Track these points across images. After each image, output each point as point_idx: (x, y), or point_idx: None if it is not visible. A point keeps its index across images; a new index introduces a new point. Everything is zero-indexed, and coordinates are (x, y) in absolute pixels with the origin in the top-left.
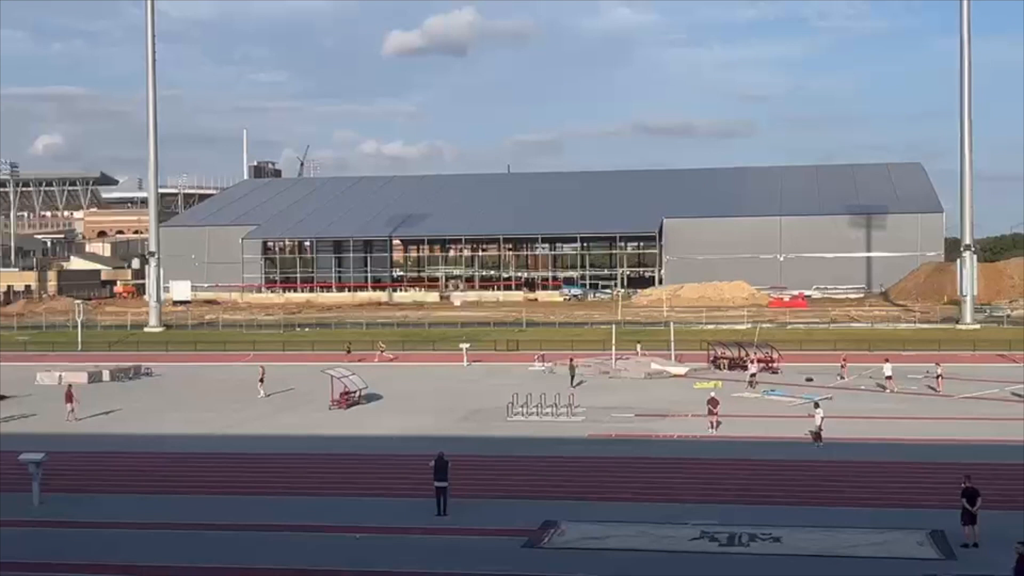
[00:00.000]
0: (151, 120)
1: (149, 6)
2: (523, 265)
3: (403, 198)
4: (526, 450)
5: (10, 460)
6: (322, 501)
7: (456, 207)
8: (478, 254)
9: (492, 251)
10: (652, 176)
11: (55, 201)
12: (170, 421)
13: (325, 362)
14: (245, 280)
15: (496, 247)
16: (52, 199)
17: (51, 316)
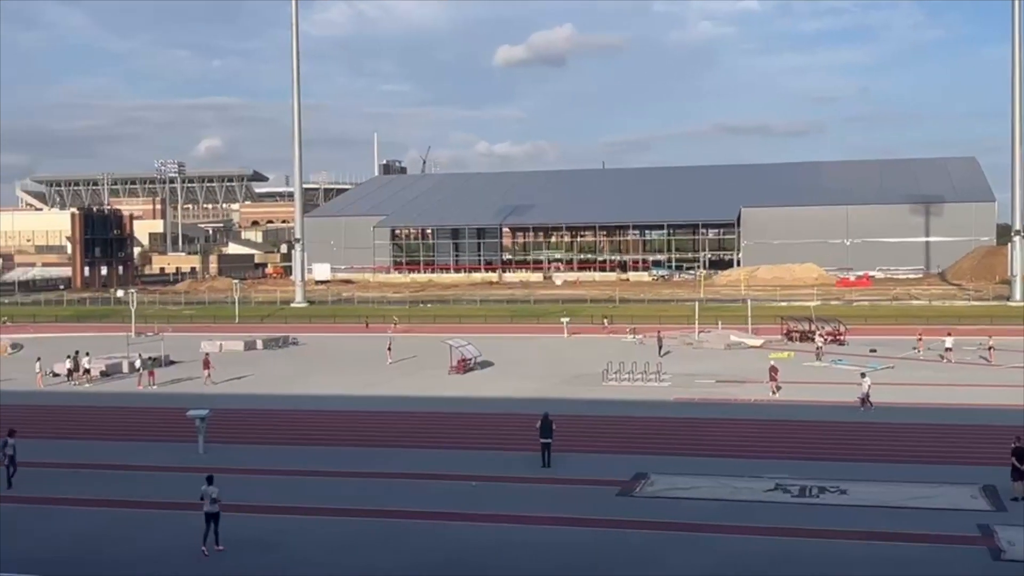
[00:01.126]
0: (296, 125)
1: (294, 29)
2: (616, 249)
3: (511, 191)
4: (619, 411)
5: (179, 415)
6: (442, 453)
7: (557, 199)
8: (576, 240)
9: (589, 237)
10: (731, 170)
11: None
12: (313, 383)
13: (443, 334)
14: (376, 263)
15: (592, 233)
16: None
17: (212, 294)
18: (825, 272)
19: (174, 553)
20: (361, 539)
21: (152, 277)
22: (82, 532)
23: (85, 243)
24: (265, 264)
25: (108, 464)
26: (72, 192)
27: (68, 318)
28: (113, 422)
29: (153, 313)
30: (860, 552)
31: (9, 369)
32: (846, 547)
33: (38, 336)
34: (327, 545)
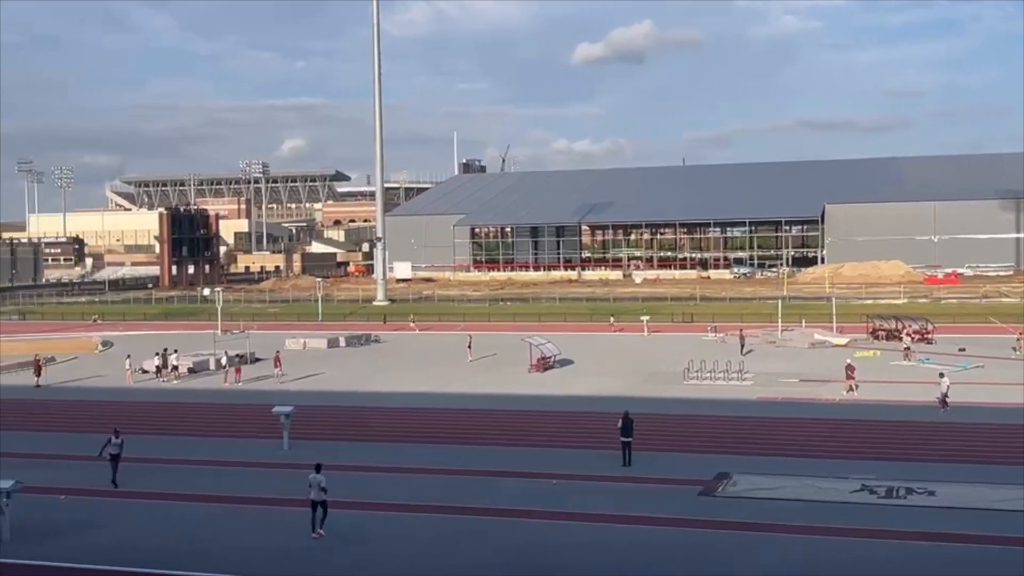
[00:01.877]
0: (377, 125)
1: (375, 29)
2: (697, 247)
3: (590, 189)
4: (701, 410)
5: (265, 412)
6: (522, 451)
7: (637, 196)
8: (656, 237)
9: (669, 235)
10: (814, 166)
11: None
12: (394, 380)
13: (523, 332)
14: (456, 261)
15: (672, 231)
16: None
17: (296, 292)
18: (912, 269)
19: (264, 548)
20: (442, 536)
21: (237, 276)
22: (176, 526)
23: (173, 242)
24: (347, 263)
25: (197, 460)
26: (160, 192)
27: (156, 316)
28: (201, 418)
29: (238, 311)
30: (950, 555)
31: (100, 366)
32: (935, 550)
33: (128, 334)
34: (410, 541)
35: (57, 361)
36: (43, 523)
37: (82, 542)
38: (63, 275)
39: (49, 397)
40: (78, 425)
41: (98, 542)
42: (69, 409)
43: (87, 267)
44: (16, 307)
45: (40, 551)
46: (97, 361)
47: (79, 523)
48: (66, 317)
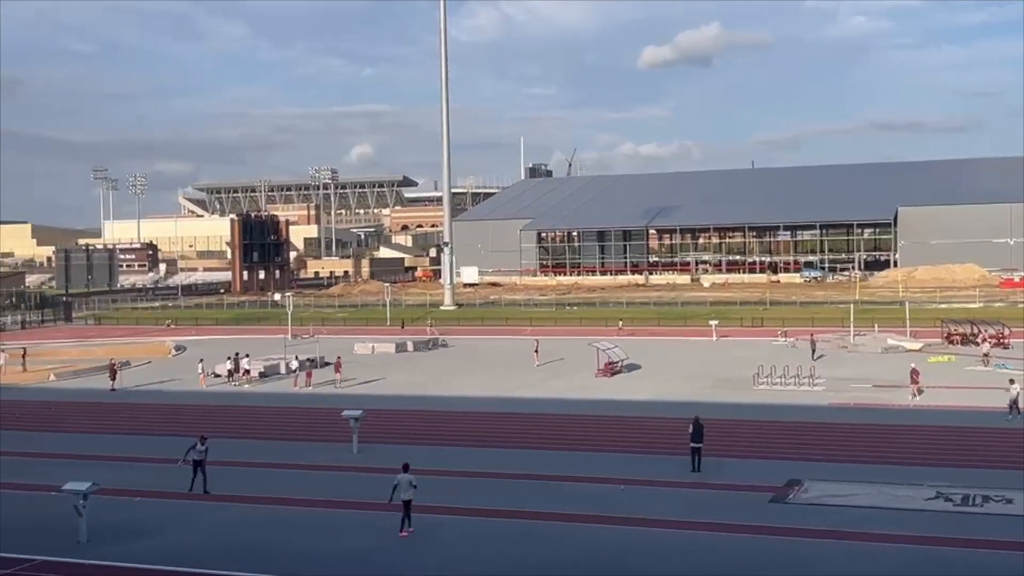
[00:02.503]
0: (444, 130)
1: (443, 35)
2: (766, 250)
3: (657, 192)
4: (771, 415)
5: (334, 416)
6: (590, 455)
7: (705, 199)
8: (725, 241)
9: (737, 238)
10: (886, 168)
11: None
12: (461, 384)
13: (591, 336)
14: (522, 265)
15: (741, 234)
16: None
17: (365, 296)
18: (987, 273)
19: (336, 550)
20: (511, 539)
21: (307, 281)
22: (249, 529)
23: (244, 248)
24: (415, 267)
25: (268, 463)
26: (231, 199)
27: (228, 321)
28: (271, 422)
29: (308, 316)
30: None
31: (173, 370)
32: (1014, 559)
33: (200, 338)
34: (480, 544)
35: (132, 365)
36: (119, 524)
37: (157, 543)
38: (137, 280)
39: (124, 400)
40: (152, 428)
41: (172, 543)
42: (143, 412)
43: (161, 273)
44: (92, 312)
45: (116, 552)
46: (170, 365)
47: (153, 525)
48: (140, 322)
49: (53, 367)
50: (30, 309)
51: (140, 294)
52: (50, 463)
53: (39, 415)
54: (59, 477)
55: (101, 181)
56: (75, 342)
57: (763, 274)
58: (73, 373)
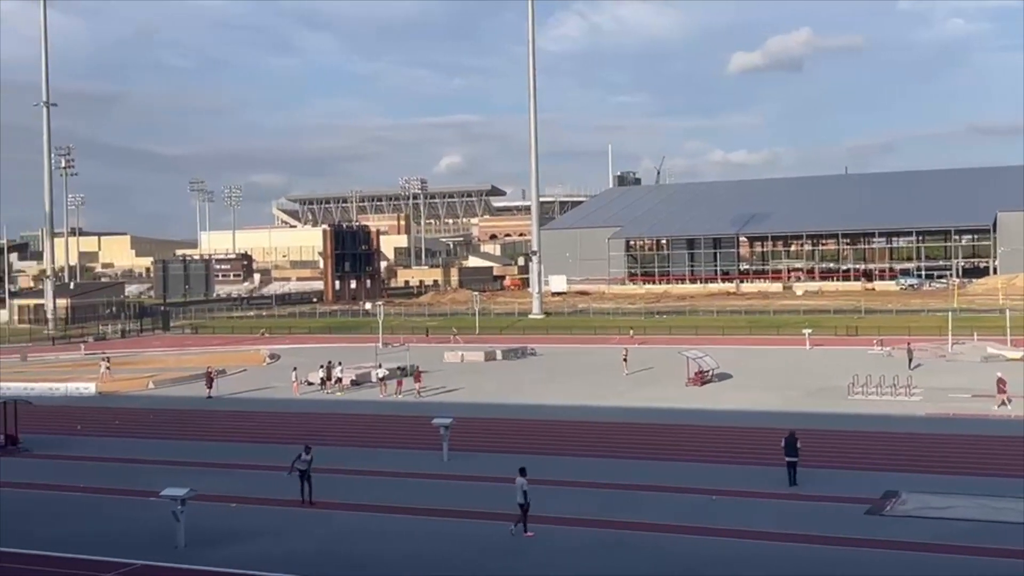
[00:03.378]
0: (532, 140)
1: (531, 45)
2: (860, 258)
3: (748, 199)
4: (867, 426)
5: (424, 423)
6: (681, 465)
7: (797, 206)
8: (818, 248)
9: (831, 245)
10: (985, 173)
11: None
12: (549, 393)
13: (680, 345)
14: (611, 274)
15: (835, 242)
16: (453, 209)
17: (453, 305)
18: None
19: (429, 556)
20: (599, 549)
21: (397, 290)
22: (342, 535)
23: (336, 258)
24: (503, 276)
25: (361, 470)
26: (323, 209)
27: (320, 330)
28: (363, 429)
29: (398, 324)
30: None
31: (268, 378)
32: None
33: (293, 347)
34: (570, 553)
35: (228, 373)
36: (216, 530)
37: (253, 549)
38: (232, 290)
39: (220, 408)
40: (248, 435)
41: (268, 550)
42: (239, 419)
43: (255, 282)
44: (189, 321)
45: (213, 557)
46: (265, 373)
47: (250, 531)
48: (236, 331)
49: (152, 375)
50: (130, 319)
51: (235, 303)
52: (149, 469)
53: (139, 422)
54: (157, 483)
55: (198, 193)
56: (173, 351)
57: (857, 282)
58: (171, 381)
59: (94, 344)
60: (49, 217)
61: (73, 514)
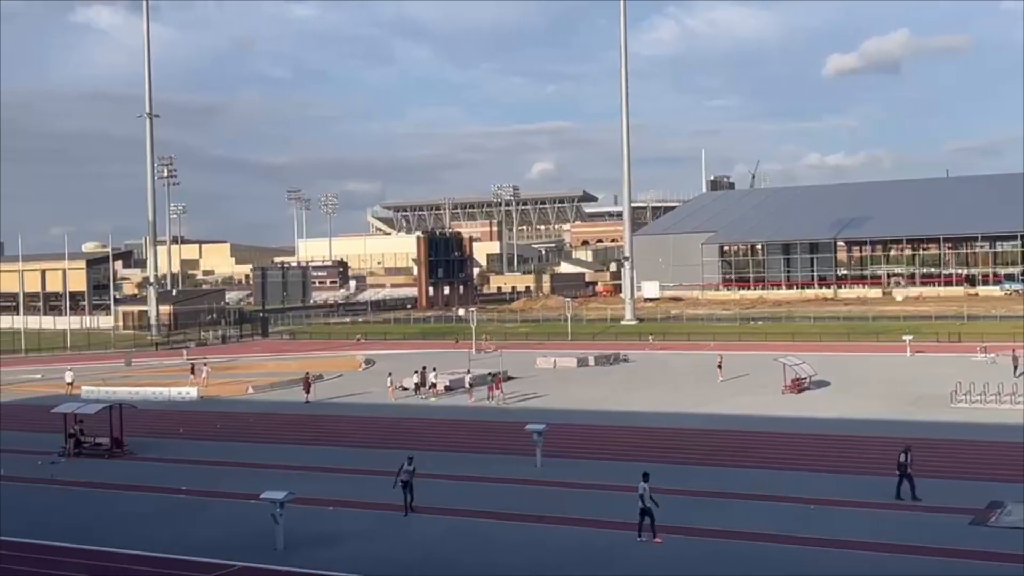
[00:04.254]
0: (624, 145)
1: (623, 50)
2: (962, 262)
3: (845, 203)
4: (971, 434)
5: (518, 429)
6: (778, 474)
7: (896, 210)
8: (918, 253)
9: (932, 250)
10: None
11: (548, 216)
12: (642, 399)
13: (775, 352)
14: (704, 280)
15: (936, 246)
16: (545, 215)
17: (545, 311)
18: None
19: (521, 564)
20: (696, 557)
21: (489, 296)
22: (438, 539)
23: (429, 265)
24: (595, 282)
25: (455, 475)
26: (417, 217)
27: (414, 335)
28: (456, 434)
29: (491, 330)
30: None
31: (364, 383)
32: None
33: (388, 352)
34: (663, 562)
35: (324, 379)
36: (314, 533)
37: (351, 552)
38: (329, 296)
39: (317, 412)
40: (345, 439)
41: (365, 552)
42: (336, 424)
43: (350, 289)
44: (287, 327)
45: (312, 559)
46: (361, 378)
47: (348, 533)
48: (332, 336)
49: (251, 380)
50: (230, 325)
51: (331, 310)
52: (248, 472)
53: (239, 426)
54: (257, 486)
55: (295, 201)
56: (271, 356)
57: (960, 287)
58: (270, 386)
59: (196, 350)
60: (152, 226)
61: (175, 516)
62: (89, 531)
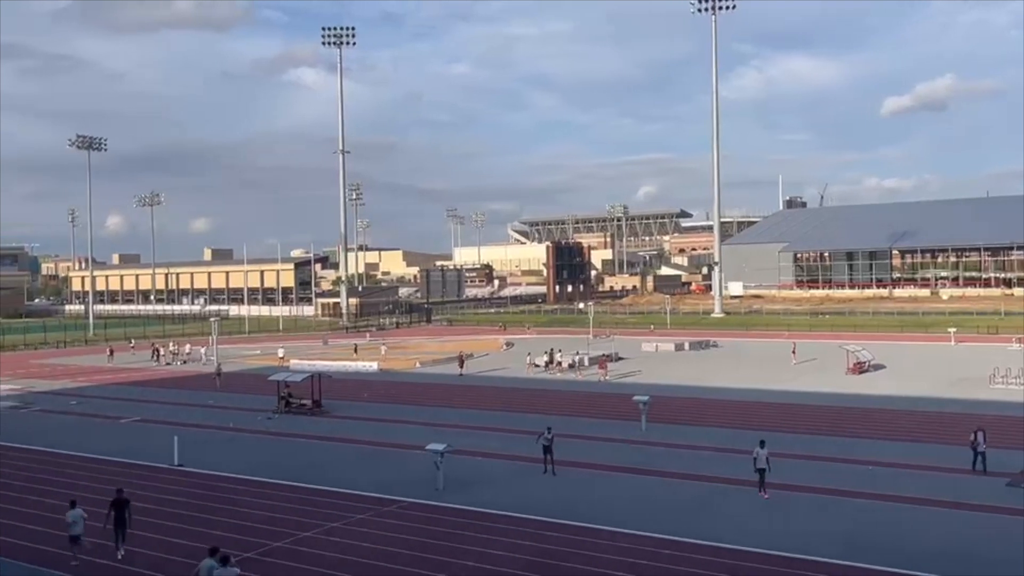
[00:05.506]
0: (715, 172)
1: (715, 96)
2: (1000, 268)
3: (900, 219)
4: (1007, 411)
5: (626, 400)
6: (840, 440)
7: (943, 224)
8: (962, 260)
9: (973, 257)
10: None
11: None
12: (729, 378)
13: (839, 340)
14: (780, 281)
15: (977, 254)
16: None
17: (649, 305)
18: None
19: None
20: (791, 507)
21: (604, 293)
22: (571, 485)
23: (556, 268)
24: (690, 283)
25: (576, 435)
26: (546, 230)
27: (544, 324)
28: (577, 402)
29: (605, 320)
30: None
31: (505, 361)
32: None
33: (524, 337)
34: (744, 512)
35: (474, 357)
36: (467, 477)
37: (497, 493)
38: (477, 292)
39: (470, 384)
40: (491, 404)
41: (509, 493)
42: (484, 392)
43: (494, 286)
44: (446, 316)
45: (467, 498)
46: (503, 357)
47: (495, 478)
48: (480, 324)
49: (418, 357)
50: (401, 314)
51: (479, 303)
52: (415, 429)
53: (409, 392)
54: (422, 439)
55: (452, 218)
56: (434, 338)
57: (998, 288)
58: (433, 362)
59: (376, 333)
60: (343, 236)
61: (360, 461)
62: (300, 470)
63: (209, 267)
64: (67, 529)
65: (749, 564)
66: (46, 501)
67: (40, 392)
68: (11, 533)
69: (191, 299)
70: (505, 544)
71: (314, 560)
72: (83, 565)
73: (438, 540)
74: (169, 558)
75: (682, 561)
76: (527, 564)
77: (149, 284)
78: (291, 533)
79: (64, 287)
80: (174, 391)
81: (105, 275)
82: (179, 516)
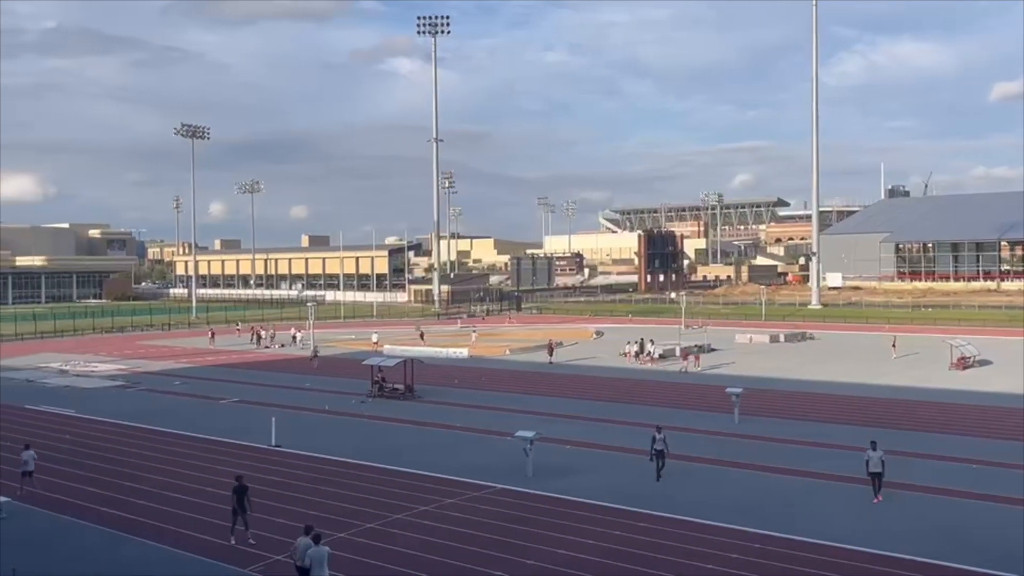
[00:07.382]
0: (815, 160)
1: (814, 82)
2: None
3: (1009, 209)
4: None
5: (719, 392)
6: (946, 438)
7: None
8: None
9: None
10: None
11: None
12: (825, 371)
13: (943, 335)
14: (880, 273)
15: None
16: (744, 217)
17: (743, 296)
18: None
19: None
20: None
21: (697, 283)
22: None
23: (648, 257)
24: (786, 273)
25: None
26: (638, 218)
27: (635, 313)
28: (667, 394)
29: (698, 311)
30: None
31: (595, 349)
32: None
33: (614, 326)
34: (844, 510)
35: (564, 345)
36: (556, 465)
37: (585, 481)
38: (568, 281)
39: (559, 372)
40: (583, 392)
41: (597, 482)
42: (573, 381)
43: (585, 275)
44: (536, 304)
45: (556, 485)
46: (593, 346)
47: (583, 467)
48: (570, 312)
49: (508, 344)
50: (492, 301)
51: (570, 291)
52: (505, 415)
53: (499, 379)
54: (512, 426)
55: (543, 206)
56: (523, 326)
57: None
58: (522, 349)
59: (467, 320)
60: (436, 224)
61: (451, 445)
62: (392, 453)
63: (306, 253)
64: (21, 466)
65: (851, 563)
66: (160, 479)
67: (145, 372)
68: (146, 513)
69: (289, 284)
70: (594, 533)
71: (405, 542)
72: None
73: (527, 527)
74: (264, 535)
75: (774, 556)
76: (611, 552)
77: (249, 269)
78: (383, 515)
79: (169, 271)
80: (272, 373)
81: (207, 260)
82: (275, 495)
